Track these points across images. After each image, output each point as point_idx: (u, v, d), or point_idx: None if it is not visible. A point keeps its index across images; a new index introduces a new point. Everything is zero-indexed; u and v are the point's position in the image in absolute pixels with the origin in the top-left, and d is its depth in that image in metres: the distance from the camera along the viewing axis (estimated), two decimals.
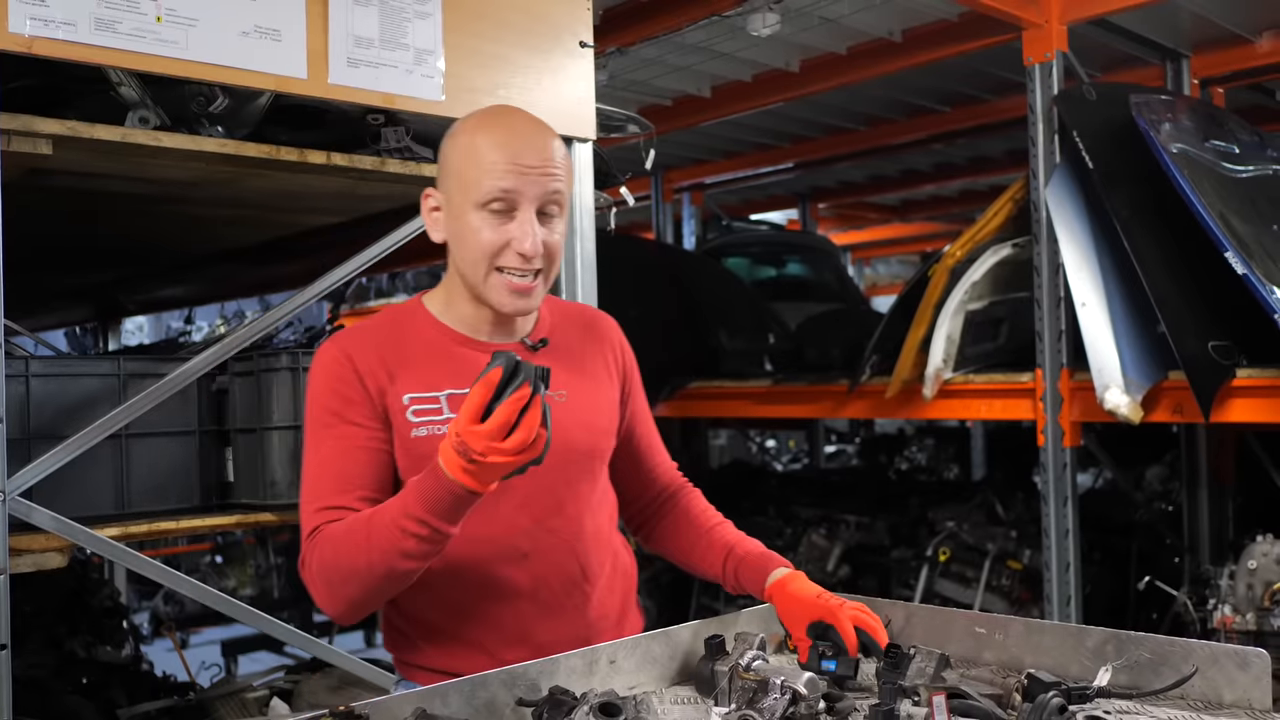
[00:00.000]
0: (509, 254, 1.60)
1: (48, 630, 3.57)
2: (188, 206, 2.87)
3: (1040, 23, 3.81)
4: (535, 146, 1.61)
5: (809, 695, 1.33)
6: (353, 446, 1.62)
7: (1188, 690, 1.42)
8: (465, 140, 1.64)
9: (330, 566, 1.55)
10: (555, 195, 1.62)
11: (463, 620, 1.67)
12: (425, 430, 1.63)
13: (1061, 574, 3.75)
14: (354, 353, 1.65)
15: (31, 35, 1.87)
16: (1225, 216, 3.31)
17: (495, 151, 1.59)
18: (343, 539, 1.54)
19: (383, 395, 1.63)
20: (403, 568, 1.51)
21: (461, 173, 1.62)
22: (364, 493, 1.60)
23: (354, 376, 1.63)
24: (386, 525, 1.50)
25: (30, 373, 2.30)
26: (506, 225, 1.60)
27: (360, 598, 1.56)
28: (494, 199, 1.58)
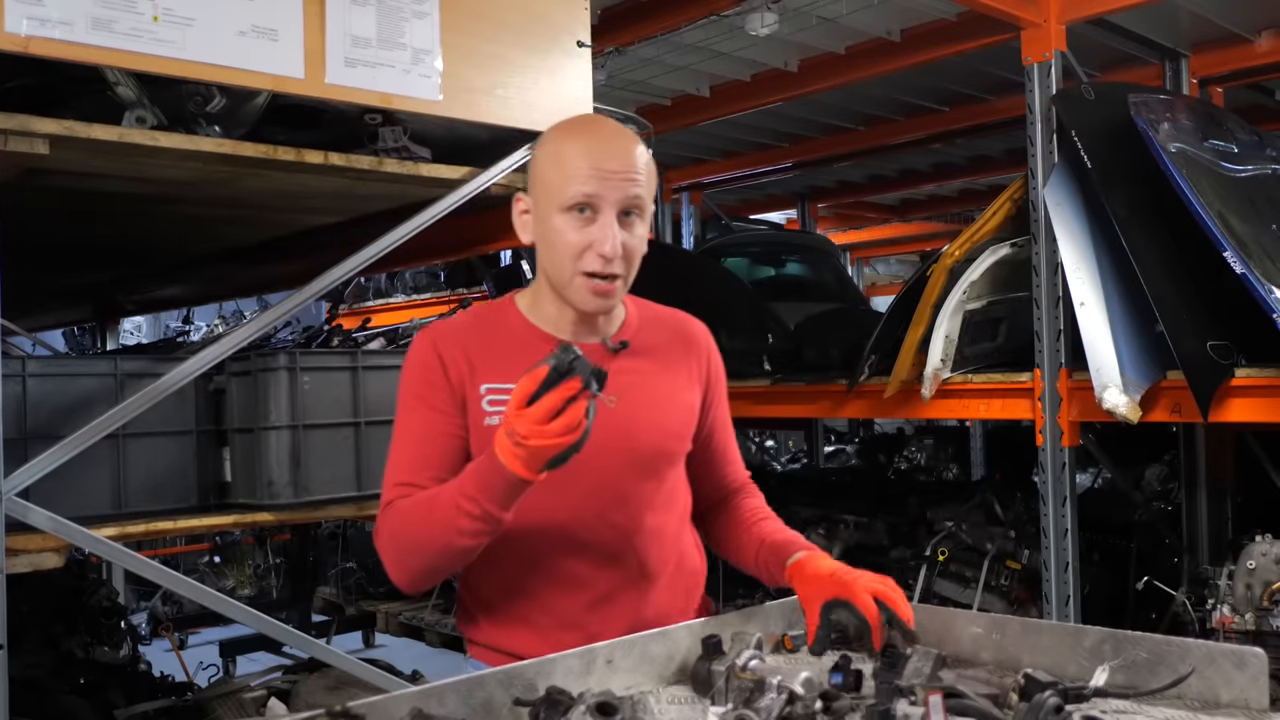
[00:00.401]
0: (591, 255, 1.66)
1: (45, 630, 3.57)
2: (185, 206, 2.87)
3: (1039, 22, 3.81)
4: (617, 152, 1.68)
5: (805, 695, 1.33)
6: (431, 430, 1.72)
7: (1185, 690, 1.41)
8: (551, 147, 1.72)
9: (397, 538, 1.67)
10: (636, 199, 1.67)
11: (521, 602, 1.76)
12: (497, 419, 1.68)
13: (1060, 574, 3.75)
14: (440, 344, 1.76)
15: (28, 35, 1.87)
16: (1224, 216, 3.31)
17: (579, 158, 1.66)
18: (409, 513, 1.66)
19: (463, 385, 1.73)
20: (459, 544, 1.61)
21: (547, 178, 1.69)
22: (437, 474, 1.69)
23: (438, 365, 1.74)
24: (445, 503, 1.60)
25: (27, 372, 2.30)
26: (589, 228, 1.66)
27: (422, 569, 1.68)
28: (577, 203, 1.65)
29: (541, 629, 1.73)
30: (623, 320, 1.83)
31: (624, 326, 1.83)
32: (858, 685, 1.50)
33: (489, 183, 2.58)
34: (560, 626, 1.73)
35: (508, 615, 1.76)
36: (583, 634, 1.69)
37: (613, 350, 1.77)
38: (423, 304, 7.87)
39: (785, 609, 1.84)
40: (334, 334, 3.16)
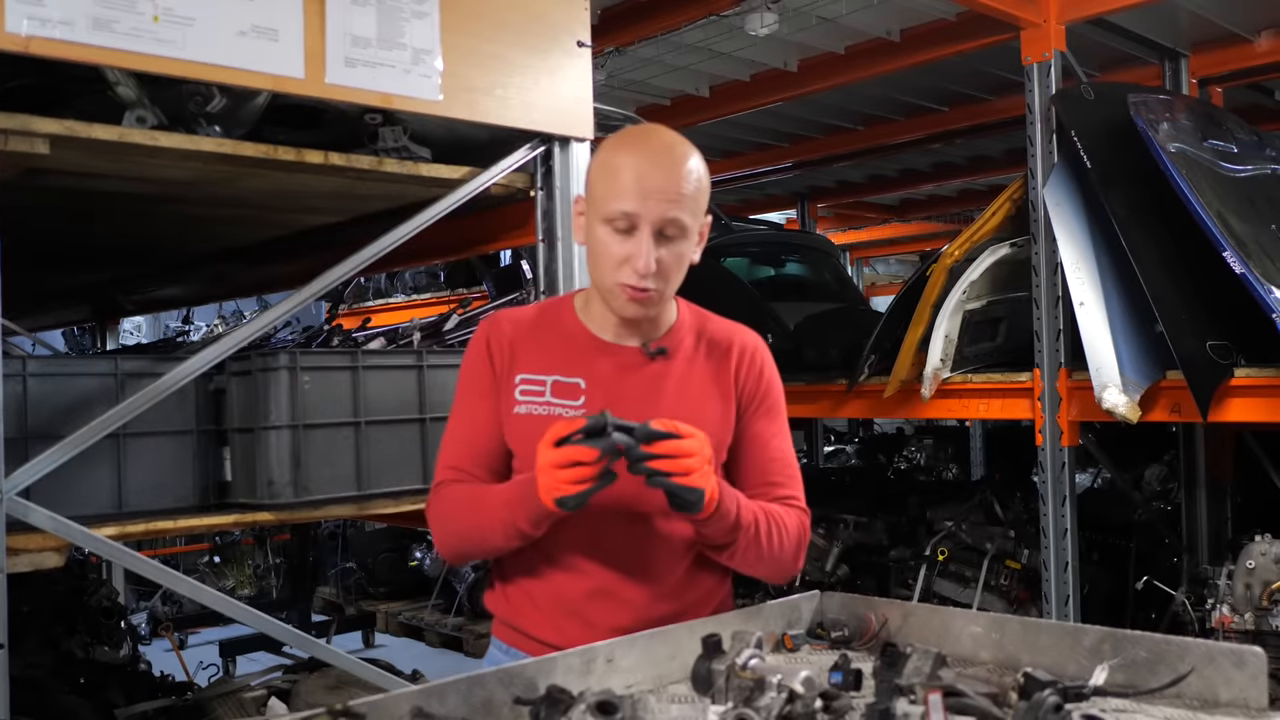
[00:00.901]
0: (626, 269, 1.72)
1: (45, 630, 3.57)
2: (185, 206, 2.87)
3: (1038, 22, 3.82)
4: (663, 172, 1.72)
5: (805, 694, 1.33)
6: (476, 418, 1.83)
7: (1184, 689, 1.41)
8: (604, 158, 1.78)
9: (444, 521, 1.82)
10: (674, 221, 1.72)
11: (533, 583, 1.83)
12: (525, 409, 1.80)
13: (1060, 573, 3.75)
14: (492, 334, 1.85)
15: (29, 35, 1.87)
16: (1223, 216, 3.31)
17: (624, 174, 1.71)
18: (456, 503, 1.80)
19: (503, 374, 1.82)
20: (496, 544, 1.76)
21: (595, 188, 1.76)
22: (480, 460, 1.82)
23: (486, 355, 1.84)
24: (489, 508, 1.74)
25: (28, 372, 2.30)
26: (627, 243, 1.72)
27: (462, 552, 1.85)
28: (617, 218, 1.71)
29: (547, 611, 1.82)
30: (671, 325, 1.88)
31: (669, 332, 1.87)
32: (857, 684, 1.50)
33: (489, 183, 2.58)
34: (562, 612, 1.80)
35: (523, 594, 1.85)
36: (580, 621, 1.78)
37: (649, 355, 1.83)
38: (422, 304, 7.86)
39: (785, 608, 1.84)
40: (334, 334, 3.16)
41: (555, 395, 1.80)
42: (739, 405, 1.88)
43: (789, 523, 1.83)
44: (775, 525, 1.80)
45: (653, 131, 1.85)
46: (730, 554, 1.79)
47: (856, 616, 1.81)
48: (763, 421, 1.90)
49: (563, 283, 2.69)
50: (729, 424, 1.86)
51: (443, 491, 1.83)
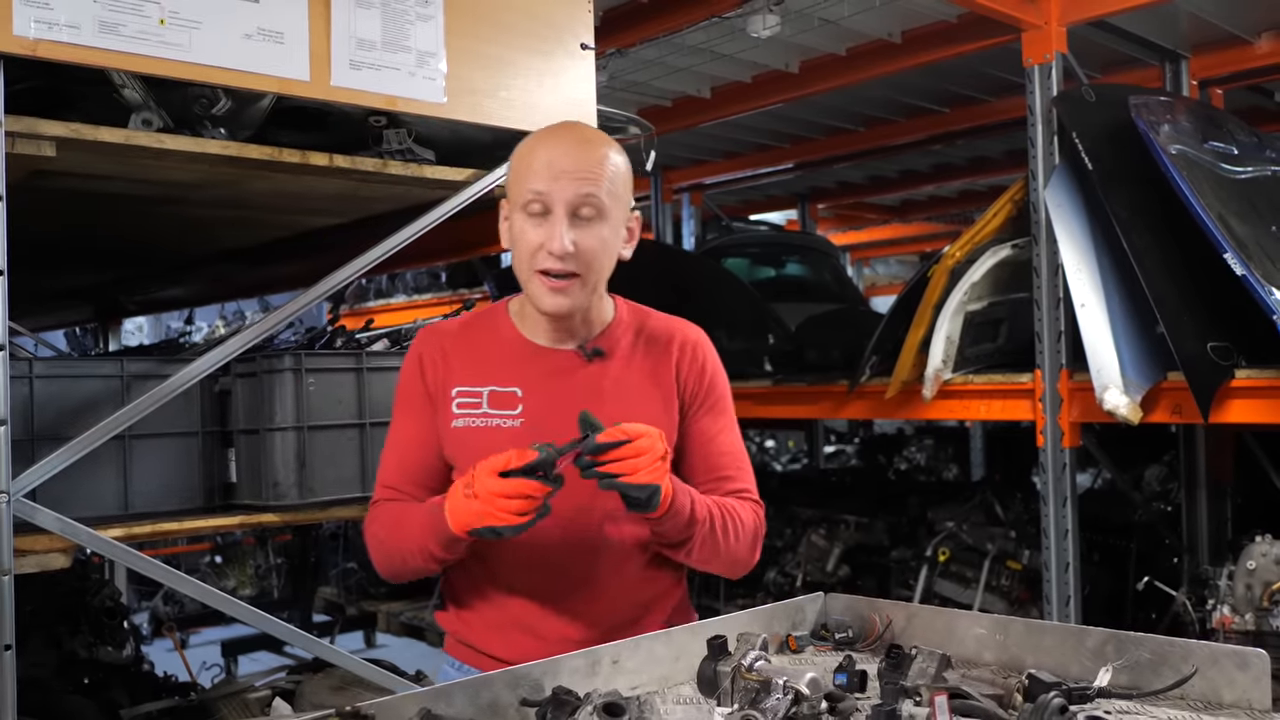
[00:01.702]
0: (542, 254, 1.70)
1: (48, 630, 3.58)
2: (189, 208, 2.88)
3: (1039, 24, 3.82)
4: (573, 153, 1.72)
5: (811, 695, 1.34)
6: (410, 436, 1.82)
7: (1187, 690, 1.42)
8: (520, 151, 1.78)
9: (377, 540, 1.81)
10: (589, 199, 1.70)
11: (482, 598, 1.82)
12: (463, 422, 1.77)
13: (1061, 574, 3.75)
14: (425, 348, 1.83)
15: (36, 38, 1.88)
16: (1224, 218, 3.32)
17: (536, 158, 1.72)
18: (387, 523, 1.79)
19: (437, 389, 1.80)
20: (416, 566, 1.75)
21: (511, 179, 1.78)
22: (413, 479, 1.80)
23: (419, 370, 1.82)
24: (407, 533, 1.73)
25: (34, 374, 2.31)
26: (542, 226, 1.70)
27: (396, 572, 1.81)
28: (530, 201, 1.70)
29: (496, 625, 1.81)
30: (607, 324, 1.84)
31: (606, 331, 1.84)
32: (862, 686, 1.51)
33: (492, 185, 2.59)
34: (511, 625, 1.79)
35: (471, 610, 1.84)
36: (531, 635, 1.76)
37: (586, 357, 1.80)
38: (424, 304, 7.88)
39: (789, 609, 1.85)
40: (337, 335, 3.16)
41: (493, 406, 1.77)
42: (682, 402, 1.85)
43: (744, 516, 1.81)
44: (730, 519, 1.78)
45: (567, 123, 1.85)
46: (687, 551, 1.76)
47: (860, 618, 1.82)
48: (709, 416, 1.88)
49: None
50: (672, 422, 1.83)
51: (376, 511, 1.83)
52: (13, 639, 1.90)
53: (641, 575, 1.83)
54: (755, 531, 1.84)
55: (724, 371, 1.94)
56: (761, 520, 1.87)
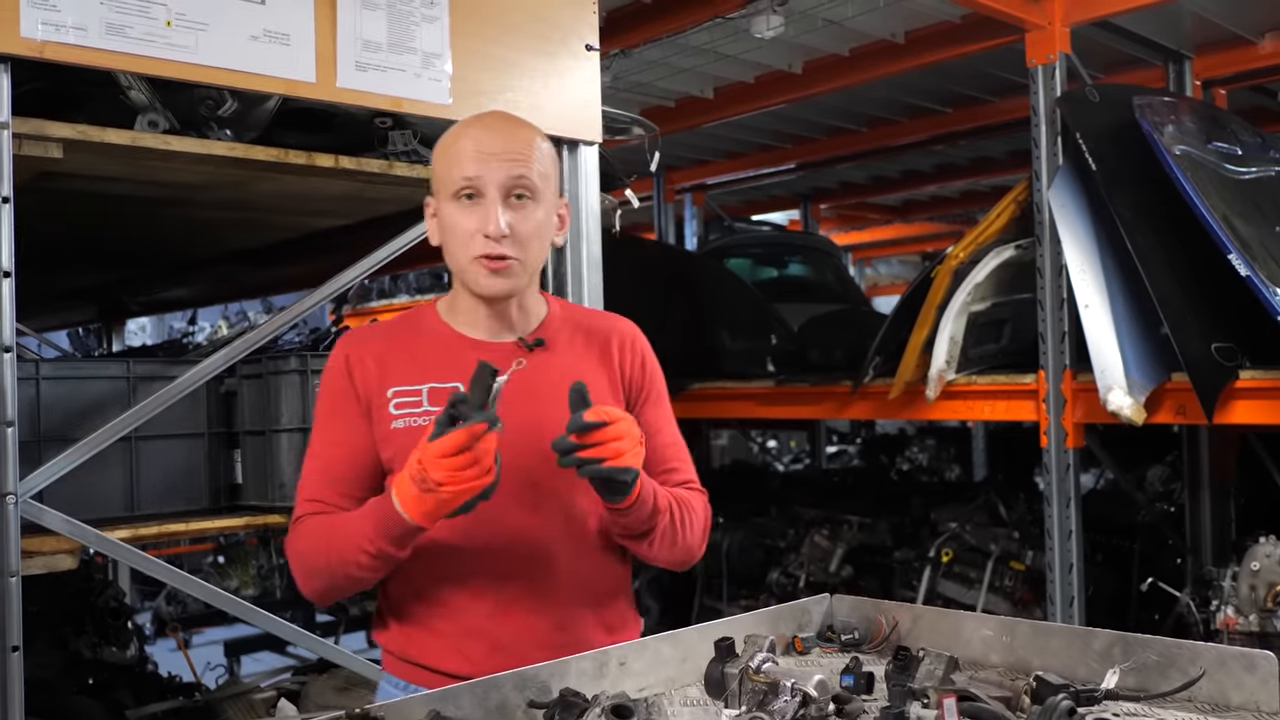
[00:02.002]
0: (478, 239, 1.66)
1: (53, 630, 3.58)
2: (195, 209, 2.88)
3: (1043, 24, 3.82)
4: (501, 136, 1.69)
5: (819, 697, 1.34)
6: (338, 443, 1.72)
7: (1195, 693, 1.42)
8: (443, 143, 1.73)
9: (304, 557, 1.69)
10: (521, 180, 1.67)
11: (428, 609, 1.72)
12: (403, 423, 1.69)
13: (1064, 575, 3.75)
14: (351, 353, 1.75)
15: (43, 40, 1.88)
16: (1228, 218, 3.32)
17: (463, 145, 1.68)
18: (314, 536, 1.67)
19: (368, 393, 1.71)
20: (358, 575, 1.64)
21: (438, 170, 1.72)
22: (344, 489, 1.70)
23: (346, 375, 1.73)
24: (346, 538, 1.62)
25: (40, 375, 2.32)
26: (475, 211, 1.67)
27: (326, 589, 1.70)
28: (461, 187, 1.66)
29: (446, 636, 1.70)
30: (543, 319, 1.81)
31: (543, 325, 1.80)
32: (869, 688, 1.51)
33: None
34: (465, 634, 1.70)
35: (416, 623, 1.73)
36: (487, 642, 1.68)
37: (527, 347, 1.75)
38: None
39: (795, 611, 1.85)
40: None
41: (434, 403, 1.69)
42: (626, 396, 1.82)
43: (696, 506, 1.80)
44: (685, 510, 1.76)
45: (490, 111, 1.82)
46: (649, 542, 1.72)
47: (866, 619, 1.82)
48: (651, 410, 1.85)
49: (571, 283, 2.70)
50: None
51: (300, 527, 1.70)
52: (20, 640, 1.91)
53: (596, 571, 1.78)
54: (706, 521, 1.82)
55: (659, 365, 1.91)
56: (709, 510, 1.85)
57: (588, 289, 2.71)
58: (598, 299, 2.72)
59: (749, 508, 5.59)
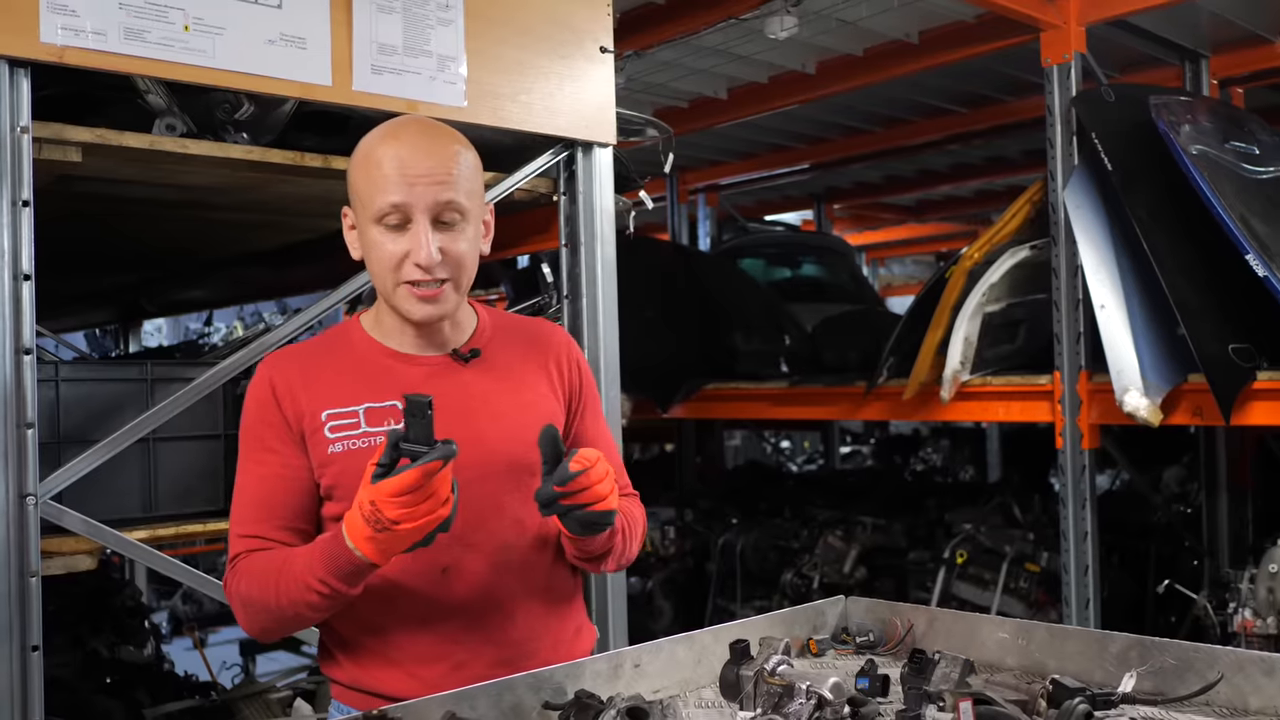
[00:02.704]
0: (408, 266, 1.59)
1: (71, 630, 3.61)
2: (212, 212, 2.90)
3: (1058, 24, 3.81)
4: (425, 154, 1.60)
5: (834, 700, 1.34)
6: (270, 474, 1.64)
7: (1213, 697, 1.42)
8: (360, 157, 1.64)
9: (246, 598, 1.60)
10: (449, 204, 1.60)
11: (379, 637, 1.66)
12: (341, 446, 1.62)
13: (1080, 577, 3.74)
14: (275, 376, 1.66)
15: (63, 45, 1.90)
16: (1245, 218, 3.30)
17: (384, 165, 1.59)
18: (257, 576, 1.59)
19: (300, 419, 1.63)
20: (308, 615, 1.57)
21: (359, 189, 1.63)
22: (281, 522, 1.62)
23: (273, 402, 1.64)
24: (294, 577, 1.54)
25: (60, 377, 2.33)
26: (403, 237, 1.59)
27: (273, 628, 1.63)
28: (386, 214, 1.59)
29: (400, 663, 1.64)
30: (474, 329, 1.75)
31: (474, 336, 1.74)
32: (885, 690, 1.51)
33: (513, 188, 2.60)
34: (422, 659, 1.64)
35: (366, 651, 1.67)
36: (448, 664, 1.63)
37: (462, 359, 1.70)
38: None
39: (810, 613, 1.85)
40: None
41: (371, 424, 1.62)
42: (566, 404, 1.78)
43: (638, 515, 1.78)
44: (633, 523, 1.74)
45: (408, 120, 1.73)
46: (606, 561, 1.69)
47: (881, 621, 1.82)
48: (589, 416, 1.82)
49: (585, 287, 2.71)
50: (561, 420, 1.74)
51: (240, 566, 1.61)
52: (40, 639, 1.92)
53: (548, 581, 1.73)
54: (644, 526, 1.81)
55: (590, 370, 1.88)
56: (645, 513, 1.83)
57: (601, 291, 2.71)
58: (611, 300, 2.72)
59: (762, 508, 5.59)
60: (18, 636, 1.89)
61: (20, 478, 1.92)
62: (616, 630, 2.65)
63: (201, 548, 7.40)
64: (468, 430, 1.59)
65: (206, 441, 2.54)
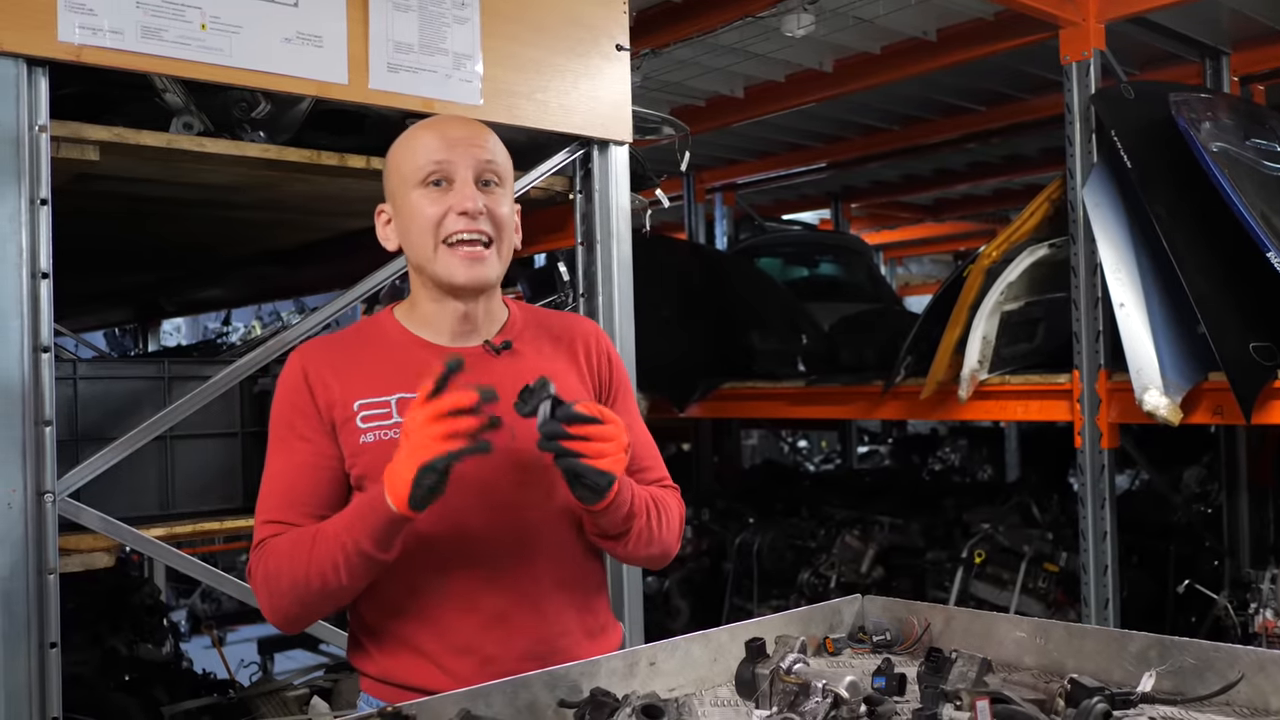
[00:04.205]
0: (451, 218, 1.61)
1: (90, 627, 3.63)
2: (229, 210, 2.91)
3: (1077, 21, 3.79)
4: (464, 125, 1.69)
5: (850, 699, 1.33)
6: (300, 463, 1.63)
7: (1233, 697, 1.41)
8: (399, 143, 1.71)
9: (272, 578, 1.58)
10: (490, 165, 1.65)
11: (410, 627, 1.65)
12: (373, 436, 1.62)
13: (1099, 577, 3.71)
14: (309, 366, 1.66)
15: (80, 44, 1.91)
16: (1267, 215, 3.27)
17: (424, 135, 1.67)
18: (286, 553, 1.57)
19: (331, 408, 1.63)
20: (336, 584, 1.55)
21: (400, 166, 1.67)
22: (309, 509, 1.61)
23: (305, 390, 1.64)
24: (326, 546, 1.53)
25: (78, 375, 2.34)
26: (445, 196, 1.63)
27: (299, 611, 1.60)
28: (430, 173, 1.63)
29: (431, 655, 1.63)
30: (505, 322, 1.75)
31: (506, 327, 1.74)
32: (901, 689, 1.50)
33: (529, 186, 2.60)
34: (452, 651, 1.63)
35: (396, 642, 1.66)
36: (477, 658, 1.62)
37: (494, 350, 1.70)
38: None
39: (827, 611, 1.85)
40: None
41: (403, 414, 1.58)
42: (597, 396, 1.77)
43: (672, 505, 1.76)
44: (662, 509, 1.71)
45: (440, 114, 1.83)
46: (625, 542, 1.67)
47: (898, 620, 1.81)
48: (620, 406, 1.79)
49: (601, 285, 2.70)
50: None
51: (265, 549, 1.60)
52: (58, 637, 1.93)
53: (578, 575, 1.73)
54: (681, 519, 1.79)
55: (623, 362, 1.87)
56: (684, 507, 1.81)
57: (618, 290, 2.71)
58: (627, 299, 2.72)
59: (779, 508, 5.58)
60: (36, 633, 1.90)
61: (38, 475, 1.93)
62: (633, 628, 2.65)
63: (220, 546, 7.45)
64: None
65: (224, 439, 2.55)
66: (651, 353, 2.95)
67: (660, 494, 1.74)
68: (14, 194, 1.88)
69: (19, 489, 1.90)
